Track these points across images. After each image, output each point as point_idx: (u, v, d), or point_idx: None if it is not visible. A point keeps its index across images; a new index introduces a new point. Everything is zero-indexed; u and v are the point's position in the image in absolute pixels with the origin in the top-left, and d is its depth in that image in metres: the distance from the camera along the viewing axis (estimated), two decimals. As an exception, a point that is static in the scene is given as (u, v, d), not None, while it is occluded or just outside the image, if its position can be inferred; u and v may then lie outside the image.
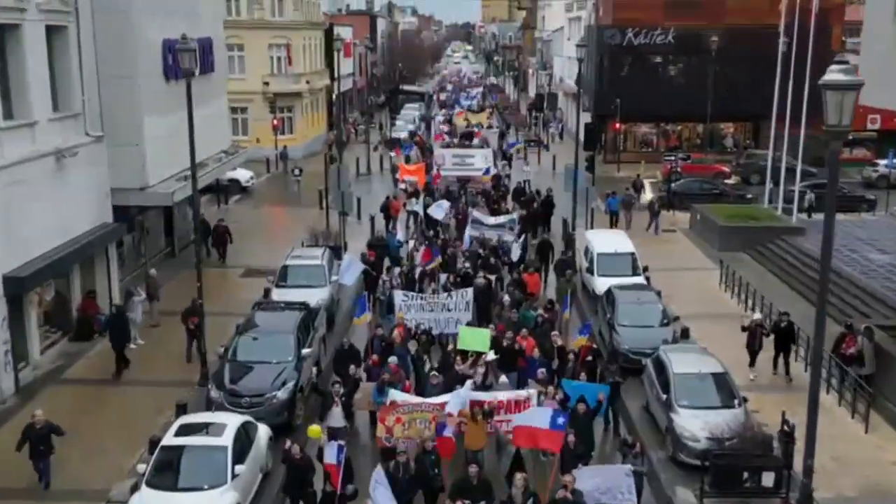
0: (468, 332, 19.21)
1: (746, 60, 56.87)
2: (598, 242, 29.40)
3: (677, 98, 56.09)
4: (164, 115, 28.26)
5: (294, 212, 43.14)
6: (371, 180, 53.23)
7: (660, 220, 37.94)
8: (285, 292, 25.67)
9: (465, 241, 29.10)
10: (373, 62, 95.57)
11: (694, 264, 33.53)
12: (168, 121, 28.52)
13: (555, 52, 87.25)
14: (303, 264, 26.92)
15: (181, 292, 28.43)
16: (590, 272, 28.45)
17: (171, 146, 28.28)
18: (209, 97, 33.29)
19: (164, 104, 28.41)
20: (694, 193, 43.75)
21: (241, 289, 29.78)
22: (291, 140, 58.99)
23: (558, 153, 58.67)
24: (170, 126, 28.36)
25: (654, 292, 25.58)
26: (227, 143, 36.23)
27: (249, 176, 48.21)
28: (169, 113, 28.60)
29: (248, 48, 57.28)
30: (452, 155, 39.17)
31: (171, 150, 28.24)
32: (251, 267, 32.62)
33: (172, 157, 28.59)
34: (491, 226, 30.72)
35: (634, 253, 28.77)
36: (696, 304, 28.31)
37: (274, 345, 20.14)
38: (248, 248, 35.48)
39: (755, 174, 51.07)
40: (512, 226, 30.68)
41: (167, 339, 25.02)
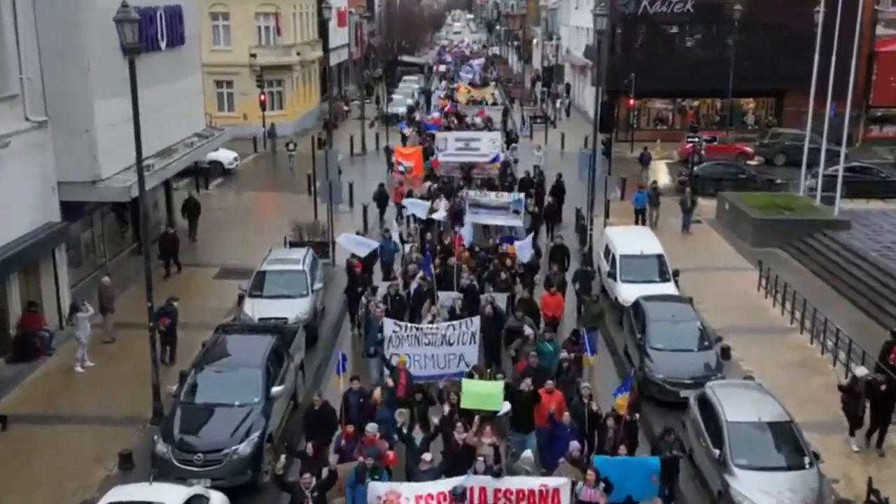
0: (474, 387, 15.03)
1: (771, 31, 53.05)
2: (620, 242, 25.68)
3: (695, 72, 52.17)
4: (122, 97, 24.31)
5: (281, 198, 39.41)
6: (366, 161, 49.42)
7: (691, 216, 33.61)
8: (259, 305, 22.05)
9: (465, 235, 25.26)
10: (370, 32, 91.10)
11: (725, 263, 29.82)
12: (127, 102, 24.65)
13: (561, 22, 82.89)
14: (281, 270, 23.25)
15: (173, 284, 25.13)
16: (612, 277, 24.77)
17: (128, 133, 24.43)
18: (179, 73, 29.46)
19: (123, 83, 24.51)
20: (717, 178, 40.01)
21: (212, 293, 26.11)
22: (281, 116, 55.05)
23: (566, 131, 54.89)
24: (128, 110, 24.50)
25: (690, 305, 21.93)
26: (202, 125, 32.39)
27: (233, 157, 44.40)
28: (128, 94, 24.72)
29: (234, 17, 53.22)
30: (456, 138, 35.21)
31: (128, 139, 24.42)
32: (227, 266, 28.93)
33: (129, 146, 24.76)
34: (492, 207, 26.97)
35: (663, 255, 25.09)
36: (733, 314, 24.71)
37: (237, 383, 16.51)
38: (226, 242, 31.81)
39: (780, 154, 47.35)
40: (517, 208, 26.94)
41: (123, 358, 21.38)
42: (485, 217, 26.99)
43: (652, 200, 33.27)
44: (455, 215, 27.64)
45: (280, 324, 18.63)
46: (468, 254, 23.26)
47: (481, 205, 26.61)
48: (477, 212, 26.61)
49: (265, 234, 31.40)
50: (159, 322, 19.96)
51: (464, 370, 17.14)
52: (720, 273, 28.56)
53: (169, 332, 21.02)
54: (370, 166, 46.50)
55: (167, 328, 20.83)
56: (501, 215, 26.79)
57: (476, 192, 27.79)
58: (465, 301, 19.59)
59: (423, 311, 19.36)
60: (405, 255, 23.90)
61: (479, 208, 26.60)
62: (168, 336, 20.98)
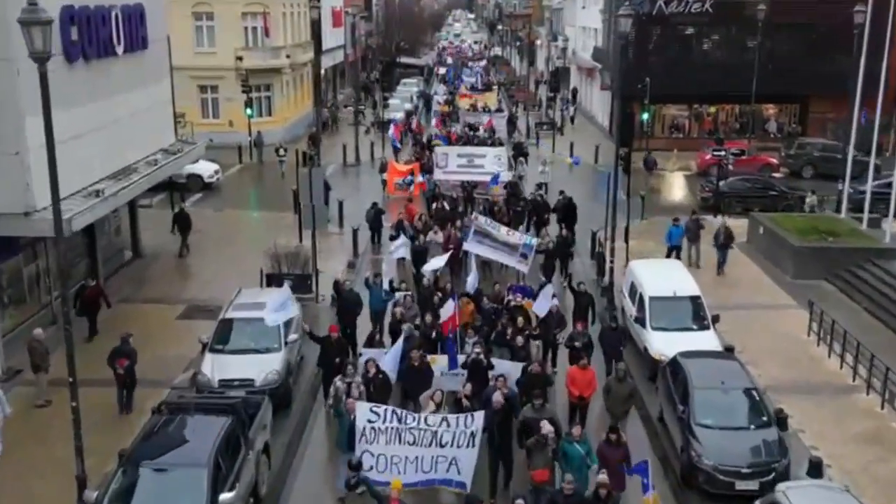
0: None
1: (795, 33, 49.45)
2: (648, 280, 21.96)
3: (713, 76, 48.55)
4: (63, 111, 20.73)
5: (264, 217, 35.76)
6: (360, 172, 45.69)
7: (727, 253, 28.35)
8: (221, 362, 18.41)
9: (469, 281, 21.31)
10: (368, 32, 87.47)
11: (764, 298, 26.08)
12: (71, 118, 21.05)
13: (567, 22, 79.31)
14: (249, 318, 19.53)
15: (104, 340, 21.33)
16: (639, 323, 21.06)
17: (74, 153, 20.87)
18: (142, 82, 25.78)
19: (64, 95, 20.90)
20: (744, 194, 36.33)
21: (173, 339, 22.33)
22: (270, 123, 51.38)
23: (575, 139, 51.20)
24: (73, 125, 20.94)
25: (740, 366, 18.19)
26: (171, 139, 28.68)
27: (214, 170, 40.67)
28: (73, 107, 21.15)
29: (219, 17, 49.54)
30: (457, 154, 31.50)
31: (74, 159, 20.84)
32: (196, 302, 25.24)
33: (77, 167, 21.20)
34: (499, 242, 23.27)
35: (700, 297, 21.37)
36: (782, 367, 21.04)
37: (174, 488, 12.80)
38: (197, 272, 28.14)
39: (808, 166, 43.73)
40: (526, 252, 23.11)
41: (53, 428, 17.67)
42: (487, 250, 23.31)
43: (691, 235, 28.15)
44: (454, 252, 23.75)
45: (237, 402, 14.85)
46: (472, 306, 19.43)
47: (487, 235, 22.94)
48: (481, 241, 22.93)
49: (242, 263, 27.87)
50: (116, 364, 18.19)
51: (455, 478, 13.50)
52: (760, 312, 24.84)
53: (128, 375, 18.48)
54: (364, 179, 42.77)
55: (126, 370, 18.35)
56: (506, 254, 23.11)
57: (487, 221, 24.02)
58: (469, 377, 15.79)
59: (423, 399, 15.44)
60: (397, 301, 20.04)
61: (483, 238, 22.93)
62: (127, 379, 18.48)
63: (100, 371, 18.68)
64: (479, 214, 24.90)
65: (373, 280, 21.52)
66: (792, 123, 51.77)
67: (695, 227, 28.22)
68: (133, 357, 18.64)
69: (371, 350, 17.64)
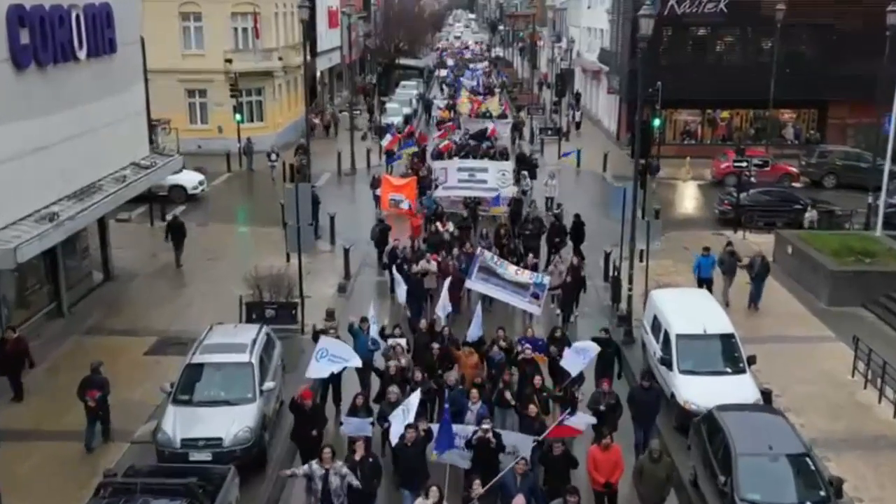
0: None
1: (814, 34, 47.03)
2: (674, 314, 19.43)
3: (728, 79, 46.23)
4: (12, 123, 18.31)
5: (251, 233, 33.19)
6: (355, 182, 43.17)
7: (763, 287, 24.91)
8: (185, 417, 15.90)
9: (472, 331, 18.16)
10: (366, 33, 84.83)
11: (798, 329, 23.52)
12: (22, 132, 18.62)
13: (571, 22, 76.89)
14: (219, 362, 17.02)
15: (67, 374, 19.02)
16: (665, 364, 18.54)
17: (26, 171, 18.43)
18: (109, 89, 23.27)
19: (13, 106, 18.47)
20: (766, 208, 33.78)
21: (139, 380, 19.73)
22: (261, 129, 48.90)
23: (581, 144, 48.72)
24: (25, 140, 18.51)
25: (788, 423, 15.64)
26: (145, 151, 26.16)
27: (198, 181, 38.16)
28: (24, 119, 18.70)
29: (207, 18, 47.02)
30: (458, 168, 28.90)
31: (26, 178, 18.41)
32: (168, 335, 22.71)
33: (30, 187, 18.75)
34: (506, 281, 20.72)
35: (734, 334, 18.87)
36: (827, 416, 18.54)
37: None
38: (171, 298, 25.57)
39: (830, 176, 41.23)
40: (538, 292, 20.44)
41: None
42: (493, 289, 20.68)
43: (725, 267, 24.75)
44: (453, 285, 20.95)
45: (192, 483, 12.31)
46: (475, 358, 16.80)
47: (494, 273, 20.28)
48: (486, 279, 20.31)
49: (224, 287, 25.46)
50: (87, 396, 16.74)
51: None
52: (794, 346, 22.29)
53: (100, 407, 16.97)
54: (360, 189, 40.10)
55: (98, 402, 16.88)
56: (515, 295, 20.51)
57: (493, 257, 21.26)
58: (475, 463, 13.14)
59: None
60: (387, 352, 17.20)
61: (489, 276, 20.31)
62: (100, 412, 17.00)
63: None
64: (484, 248, 22.10)
65: (359, 325, 18.46)
66: (810, 130, 49.24)
67: (730, 259, 24.85)
68: (105, 387, 17.12)
69: (354, 421, 14.76)
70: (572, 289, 22.79)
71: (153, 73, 45.39)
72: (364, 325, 17.89)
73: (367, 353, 17.40)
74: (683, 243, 30.71)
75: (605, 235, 31.28)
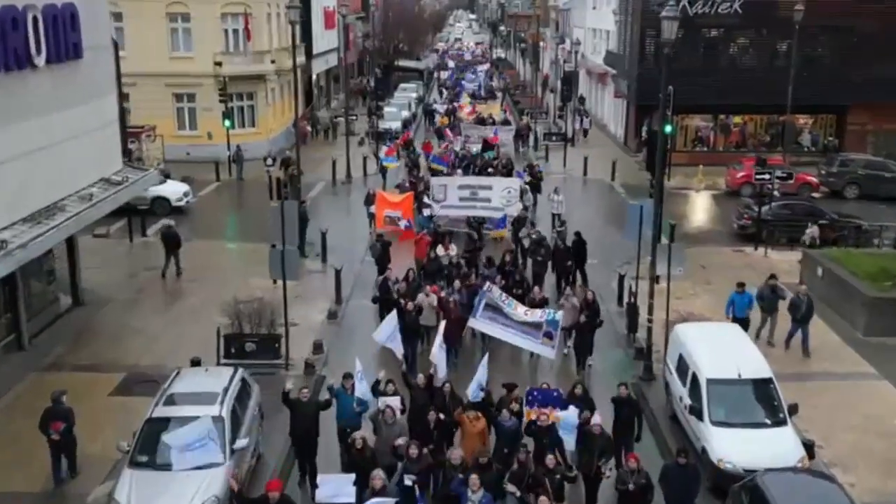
0: None
1: (833, 35, 44.85)
2: (704, 354, 17.20)
3: (742, 83, 43.93)
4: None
5: (237, 250, 30.88)
6: (351, 191, 40.95)
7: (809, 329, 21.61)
8: (142, 486, 13.67)
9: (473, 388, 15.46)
10: (364, 34, 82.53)
11: (835, 365, 21.16)
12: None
13: (575, 23, 74.63)
14: (183, 416, 14.76)
15: (24, 419, 16.87)
16: (695, 414, 16.29)
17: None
18: (75, 99, 21.03)
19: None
20: (788, 222, 31.52)
21: (100, 426, 17.39)
22: (253, 135, 46.71)
23: (588, 152, 46.51)
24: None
25: (845, 495, 13.41)
26: (117, 164, 23.91)
27: (183, 192, 35.91)
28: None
29: (196, 18, 44.80)
30: (458, 185, 26.52)
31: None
32: (137, 370, 20.50)
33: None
34: (514, 321, 18.47)
35: (772, 378, 16.65)
36: (879, 473, 16.32)
37: None
38: (144, 329, 23.27)
39: (852, 186, 39.02)
40: (552, 331, 18.14)
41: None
42: (499, 330, 18.40)
43: (766, 304, 21.61)
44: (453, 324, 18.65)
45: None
46: (482, 423, 14.23)
47: (500, 311, 18.01)
48: (493, 318, 18.05)
49: (204, 314, 23.25)
50: (50, 429, 15.48)
51: None
52: (833, 384, 20.03)
53: (65, 439, 15.66)
54: (356, 199, 37.62)
55: (61, 434, 15.56)
56: (525, 337, 18.22)
57: (500, 294, 18.83)
58: None
59: None
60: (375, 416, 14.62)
61: (495, 314, 18.05)
62: (64, 443, 15.69)
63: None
64: (492, 284, 19.50)
65: (341, 385, 15.53)
66: (828, 136, 47.01)
67: (772, 296, 21.68)
68: (70, 418, 15.81)
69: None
70: (588, 329, 20.08)
71: (139, 76, 43.86)
72: (347, 382, 15.34)
73: (354, 417, 14.94)
74: (701, 261, 28.48)
75: (615, 251, 29.21)
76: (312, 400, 15.01)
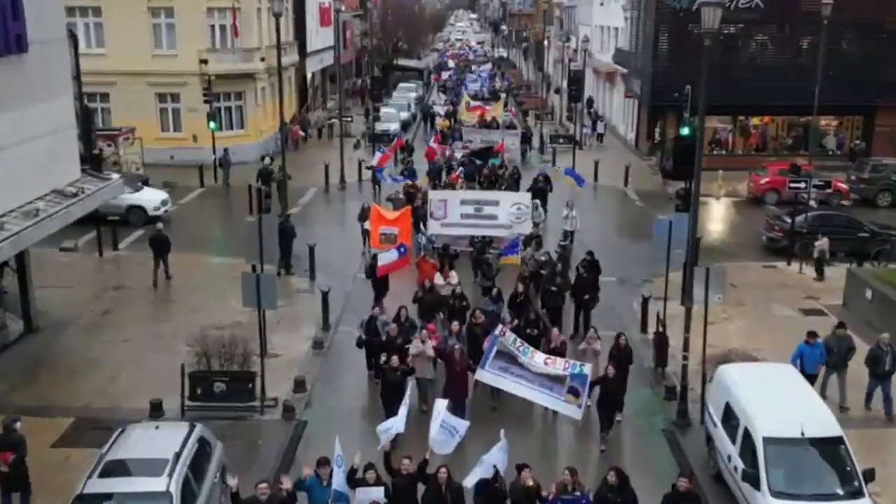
0: None
1: (860, 32, 42.05)
2: (757, 403, 14.28)
3: (763, 83, 41.10)
4: None
5: (217, 267, 27.59)
6: (345, 198, 38.13)
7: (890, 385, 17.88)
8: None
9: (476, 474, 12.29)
10: (363, 32, 79.72)
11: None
12: None
13: (580, 21, 71.85)
14: (122, 493, 11.88)
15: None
16: (749, 481, 13.38)
17: None
18: (15, 101, 18.14)
19: None
20: (825, 235, 28.57)
21: (36, 488, 14.47)
22: (242, 137, 43.94)
23: (599, 156, 43.74)
24: None
25: None
26: (75, 173, 21.02)
27: (161, 200, 33.02)
28: None
29: (180, 14, 41.97)
30: (460, 201, 23.44)
31: None
32: (89, 412, 17.66)
33: None
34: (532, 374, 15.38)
35: (843, 437, 13.78)
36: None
37: None
38: (104, 357, 20.40)
39: (885, 193, 36.20)
40: (578, 386, 14.98)
41: None
42: (513, 384, 15.29)
43: (835, 360, 17.83)
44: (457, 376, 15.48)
45: None
46: None
47: (514, 360, 15.04)
48: (505, 369, 15.07)
49: (169, 344, 20.42)
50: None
51: None
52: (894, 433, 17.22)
53: (15, 471, 13.96)
54: (350, 207, 34.67)
55: (11, 466, 13.89)
56: (545, 393, 15.11)
57: (515, 340, 15.69)
58: None
59: None
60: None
61: (509, 363, 15.09)
62: (14, 476, 14.00)
63: None
64: (505, 327, 16.16)
65: (314, 474, 12.14)
66: (854, 139, 44.13)
67: (842, 347, 17.98)
68: (22, 448, 14.10)
69: None
70: (619, 385, 16.46)
71: (119, 75, 41.14)
72: (324, 471, 11.97)
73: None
74: (729, 280, 25.58)
75: (633, 267, 26.54)
76: (275, 497, 11.67)
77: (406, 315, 17.84)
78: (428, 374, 16.64)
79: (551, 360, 15.29)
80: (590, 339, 17.48)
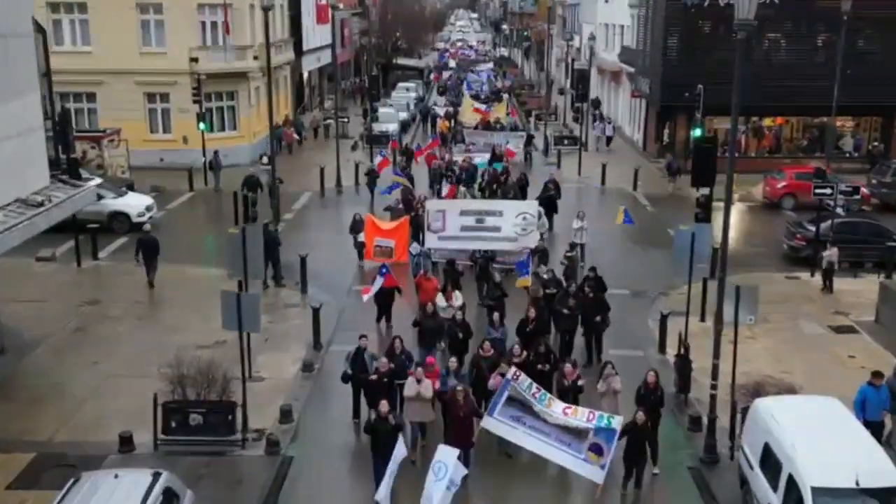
0: None
1: (879, 29, 40.30)
2: (803, 448, 12.45)
3: (778, 82, 39.27)
4: None
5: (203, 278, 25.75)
6: (341, 203, 36.31)
7: None
8: None
9: None
10: (361, 31, 77.98)
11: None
12: None
13: (584, 19, 70.15)
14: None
15: None
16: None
17: None
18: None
19: None
20: (848, 242, 26.81)
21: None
22: (234, 139, 42.27)
23: (608, 158, 42.03)
24: None
25: None
26: (43, 180, 19.26)
27: (146, 206, 31.22)
28: None
29: (169, 10, 40.27)
30: (460, 211, 21.48)
31: None
32: (50, 449, 15.87)
33: None
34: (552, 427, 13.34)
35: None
36: None
37: None
38: (72, 383, 18.60)
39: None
40: (602, 444, 12.90)
41: None
42: (525, 437, 13.28)
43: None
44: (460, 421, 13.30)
45: None
46: None
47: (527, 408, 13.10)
48: (518, 418, 13.07)
49: (144, 367, 18.62)
50: None
51: None
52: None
53: None
54: (346, 214, 32.44)
55: None
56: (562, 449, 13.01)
57: (529, 385, 13.56)
58: None
59: None
60: None
61: (522, 415, 13.03)
62: None
63: None
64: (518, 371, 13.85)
65: None
66: (873, 141, 42.35)
67: None
68: None
69: None
70: (649, 434, 14.22)
71: (106, 74, 39.47)
72: None
73: None
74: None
75: (646, 278, 24.90)
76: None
77: (401, 347, 15.79)
78: (427, 418, 14.61)
79: (572, 410, 13.27)
80: (607, 377, 15.24)
